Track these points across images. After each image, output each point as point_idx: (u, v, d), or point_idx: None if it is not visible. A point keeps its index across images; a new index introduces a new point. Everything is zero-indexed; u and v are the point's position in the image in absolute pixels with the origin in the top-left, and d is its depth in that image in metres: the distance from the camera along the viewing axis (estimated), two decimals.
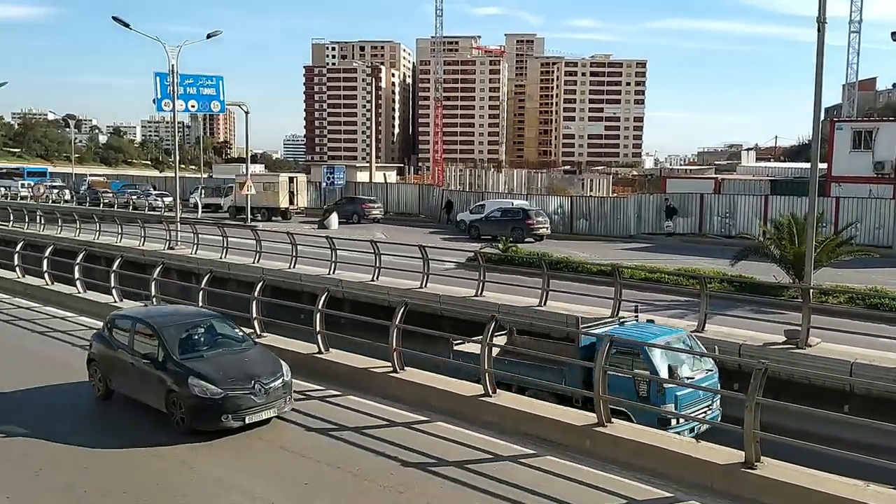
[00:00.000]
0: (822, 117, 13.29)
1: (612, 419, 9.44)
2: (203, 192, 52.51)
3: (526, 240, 33.65)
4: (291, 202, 46.02)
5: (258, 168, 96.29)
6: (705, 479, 8.27)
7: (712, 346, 13.93)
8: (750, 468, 8.09)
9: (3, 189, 64.67)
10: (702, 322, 14.84)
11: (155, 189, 61.30)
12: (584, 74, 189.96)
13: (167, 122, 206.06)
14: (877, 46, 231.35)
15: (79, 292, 19.04)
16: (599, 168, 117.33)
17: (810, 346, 13.56)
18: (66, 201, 57.46)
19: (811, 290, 14.70)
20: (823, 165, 36.87)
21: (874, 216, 33.84)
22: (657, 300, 19.21)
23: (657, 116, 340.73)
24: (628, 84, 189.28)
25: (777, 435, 8.45)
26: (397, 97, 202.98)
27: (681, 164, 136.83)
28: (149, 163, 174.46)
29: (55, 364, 13.41)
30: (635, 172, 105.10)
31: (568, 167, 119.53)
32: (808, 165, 17.41)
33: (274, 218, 43.83)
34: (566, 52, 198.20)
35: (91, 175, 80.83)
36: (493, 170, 71.13)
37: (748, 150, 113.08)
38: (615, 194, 52.78)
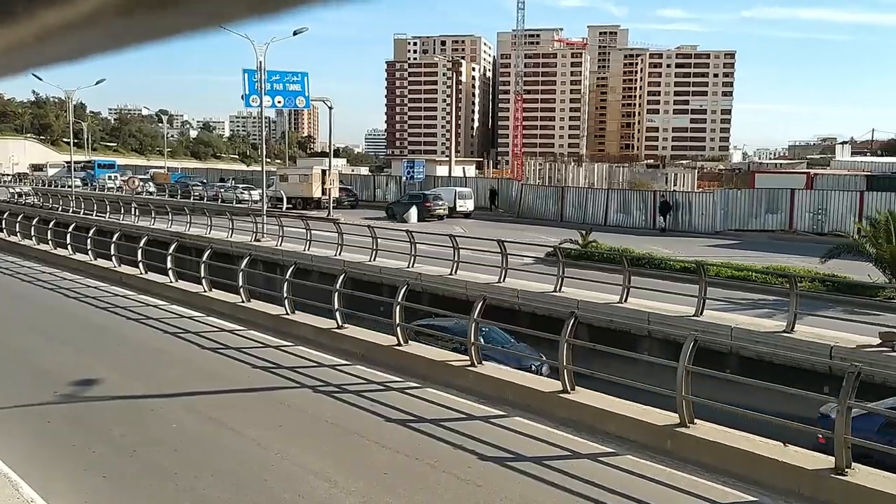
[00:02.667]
0: None
1: (696, 420, 9.24)
2: (233, 182, 59.23)
3: (426, 219, 40.68)
4: (324, 193, 48.31)
5: (340, 162, 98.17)
6: (792, 484, 8.01)
7: (802, 348, 13.46)
8: (840, 474, 7.79)
9: (77, 181, 67.94)
10: (791, 322, 14.32)
11: (224, 182, 66.01)
12: (669, 66, 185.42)
13: (254, 118, 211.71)
14: None
15: (171, 282, 19.87)
16: (684, 162, 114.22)
17: None
18: (149, 193, 60.04)
19: None
20: None
21: None
22: (743, 298, 18.64)
23: (746, 109, 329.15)
24: (716, 76, 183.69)
25: (870, 441, 8.11)
26: (477, 91, 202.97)
27: (771, 158, 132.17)
28: (236, 157, 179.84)
29: (149, 350, 14.09)
30: (722, 167, 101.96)
31: (651, 161, 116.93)
32: None
33: (307, 207, 46.79)
34: (651, 43, 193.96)
35: (155, 169, 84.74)
36: (573, 164, 70.26)
37: (843, 143, 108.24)
38: (700, 189, 51.37)
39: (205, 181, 67.29)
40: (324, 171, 49.75)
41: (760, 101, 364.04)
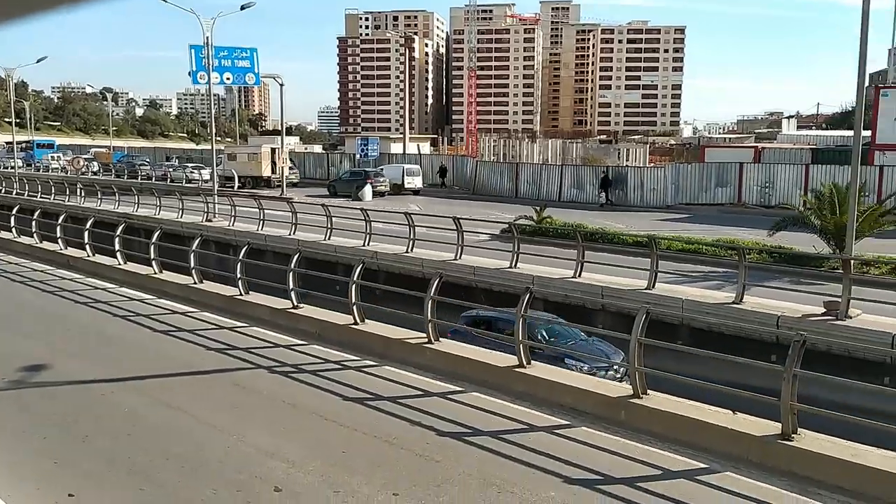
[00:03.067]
0: (867, 83, 12.95)
1: (649, 391, 9.43)
2: (177, 161, 59.75)
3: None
4: (274, 171, 48.75)
5: (293, 140, 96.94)
6: (742, 450, 8.23)
7: (750, 318, 13.81)
8: (786, 440, 8.04)
9: (19, 161, 65.99)
10: (740, 293, 14.67)
11: (168, 161, 65.89)
12: (620, 42, 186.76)
13: (202, 95, 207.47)
14: None
15: (119, 264, 19.44)
16: (636, 137, 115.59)
17: (850, 317, 13.33)
18: (94, 173, 58.68)
19: (852, 261, 14.42)
20: (867, 133, 36.02)
21: None
22: (694, 271, 19.03)
23: (696, 84, 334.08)
24: (666, 51, 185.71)
25: (815, 407, 8.37)
26: (431, 67, 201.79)
27: (720, 133, 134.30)
28: (185, 135, 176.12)
29: (99, 334, 13.81)
30: (673, 141, 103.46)
31: (604, 137, 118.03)
32: (850, 133, 17.06)
33: (257, 186, 46.83)
34: (602, 19, 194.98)
35: (97, 148, 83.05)
36: (527, 140, 70.52)
37: (789, 117, 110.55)
38: (652, 164, 52.10)
39: (148, 160, 66.06)
40: (273, 150, 49.80)
41: (710, 77, 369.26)
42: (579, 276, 17.20)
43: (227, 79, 34.29)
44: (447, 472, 7.90)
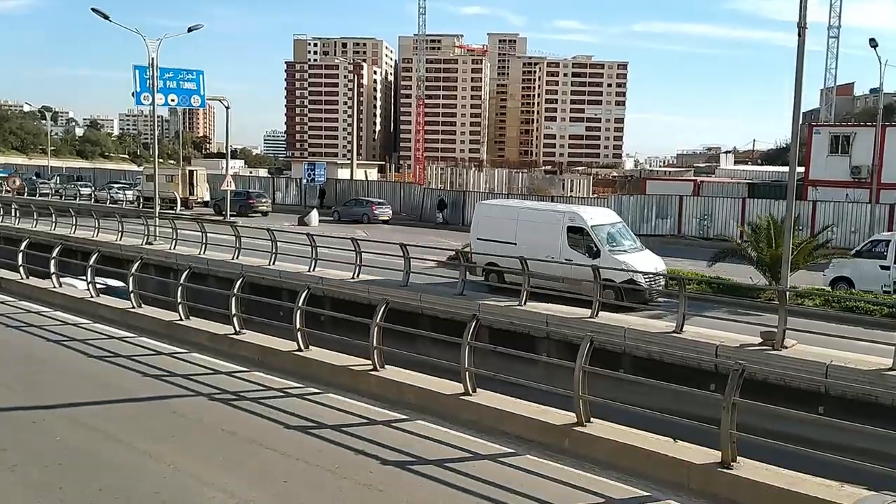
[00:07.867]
0: (801, 121, 13.52)
1: (592, 419, 9.50)
2: (59, 179, 61.16)
3: (250, 214, 44.37)
4: (191, 193, 50.24)
5: (238, 164, 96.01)
6: (682, 478, 8.34)
7: (690, 347, 14.09)
8: (726, 468, 8.17)
9: None
10: (680, 323, 14.98)
11: (39, 177, 65.16)
12: (565, 75, 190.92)
13: (146, 116, 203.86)
14: (855, 52, 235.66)
15: (55, 287, 18.81)
16: (580, 169, 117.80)
17: (786, 347, 13.72)
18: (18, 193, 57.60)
19: (787, 292, 14.88)
20: (801, 169, 37.45)
21: (850, 220, 34.38)
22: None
23: (637, 118, 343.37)
24: (609, 85, 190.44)
25: (753, 435, 8.54)
26: (379, 94, 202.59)
27: (660, 166, 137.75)
28: (126, 156, 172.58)
29: (31, 359, 13.28)
30: (615, 173, 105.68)
31: (549, 167, 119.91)
32: (785, 169, 17.67)
33: (173, 208, 46.74)
34: (548, 52, 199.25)
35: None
36: (474, 169, 71.14)
37: (726, 153, 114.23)
38: (595, 195, 53.09)
39: (37, 177, 65.19)
40: (191, 172, 51.64)
41: (651, 112, 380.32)
42: (524, 304, 17.32)
43: (172, 100, 33.78)
44: (391, 502, 7.80)
